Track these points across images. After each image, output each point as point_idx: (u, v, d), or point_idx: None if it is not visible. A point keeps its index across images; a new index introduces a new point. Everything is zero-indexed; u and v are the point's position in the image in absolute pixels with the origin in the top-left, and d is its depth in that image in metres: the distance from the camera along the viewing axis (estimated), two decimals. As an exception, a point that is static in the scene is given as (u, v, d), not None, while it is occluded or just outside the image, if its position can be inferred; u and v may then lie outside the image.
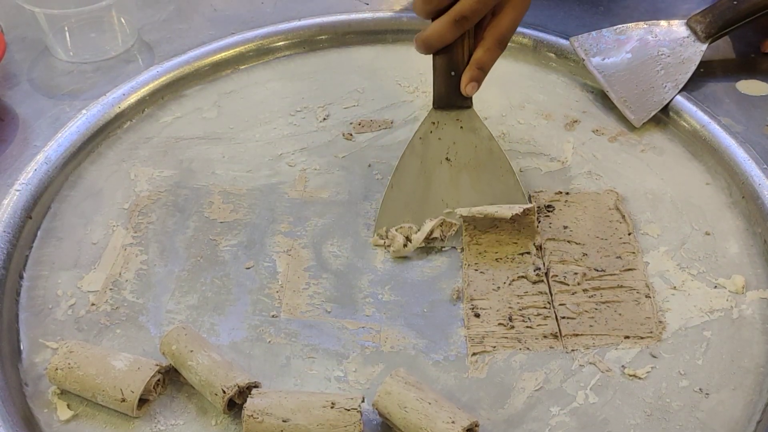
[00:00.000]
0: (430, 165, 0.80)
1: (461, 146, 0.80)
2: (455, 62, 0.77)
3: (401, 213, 0.79)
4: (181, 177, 0.86)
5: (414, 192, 0.79)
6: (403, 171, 0.80)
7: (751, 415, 0.65)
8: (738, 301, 0.74)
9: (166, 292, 0.75)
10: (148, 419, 0.65)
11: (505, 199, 0.79)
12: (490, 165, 0.79)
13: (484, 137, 0.80)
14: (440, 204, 0.79)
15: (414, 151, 0.80)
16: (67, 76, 0.98)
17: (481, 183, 0.79)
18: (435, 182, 0.79)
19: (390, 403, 0.62)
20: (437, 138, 0.79)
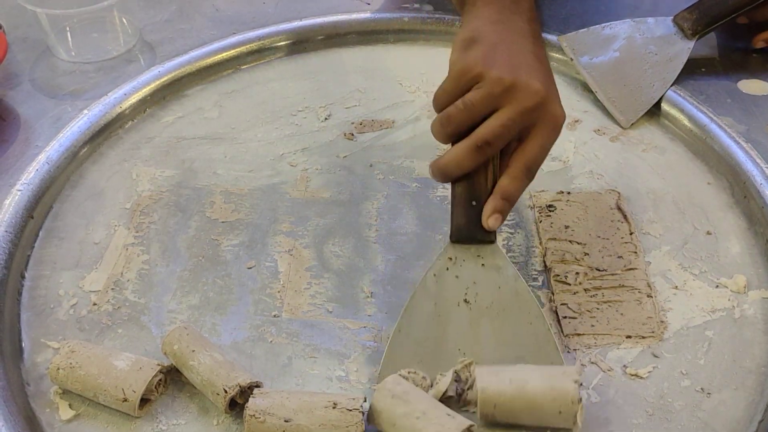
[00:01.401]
0: (446, 307, 0.68)
1: (482, 286, 0.68)
2: (477, 191, 0.68)
3: (409, 362, 0.67)
4: (183, 177, 0.86)
5: (426, 338, 0.67)
6: (413, 313, 0.68)
7: (752, 415, 0.65)
8: (740, 301, 0.74)
9: (167, 291, 0.75)
10: (150, 419, 0.65)
11: (533, 350, 0.66)
12: (515, 309, 0.68)
13: (510, 277, 0.68)
14: (456, 354, 0.66)
15: (427, 290, 0.69)
16: (68, 76, 0.98)
17: (505, 331, 0.67)
18: (451, 328, 0.67)
19: (381, 421, 0.62)
20: (454, 276, 0.69)
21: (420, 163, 0.88)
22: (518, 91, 0.65)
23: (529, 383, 0.62)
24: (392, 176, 0.86)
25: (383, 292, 0.75)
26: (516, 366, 0.64)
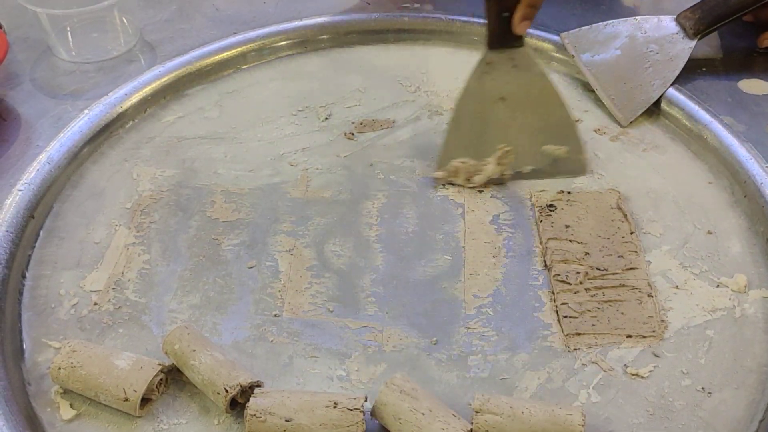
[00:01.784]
0: (487, 105, 0.82)
1: (516, 85, 0.82)
2: (507, 3, 0.78)
3: (460, 153, 0.83)
4: (184, 176, 0.86)
5: (471, 133, 0.82)
6: (460, 113, 0.82)
7: (753, 414, 0.65)
8: (740, 300, 0.74)
9: (168, 291, 0.75)
10: (151, 418, 0.65)
11: (558, 131, 0.83)
12: (543, 101, 0.82)
13: (537, 75, 0.82)
14: (497, 143, 0.82)
15: (470, 92, 0.82)
16: (69, 76, 0.98)
17: (535, 119, 0.82)
18: (492, 122, 0.82)
19: (386, 414, 0.62)
20: (492, 78, 0.81)
21: (420, 162, 0.88)
22: None
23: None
24: (393, 176, 0.87)
25: (384, 292, 0.75)
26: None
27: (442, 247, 0.79)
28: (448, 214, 0.82)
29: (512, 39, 0.80)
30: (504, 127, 0.82)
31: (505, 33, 0.80)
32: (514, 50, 0.81)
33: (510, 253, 0.78)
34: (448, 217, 0.82)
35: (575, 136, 0.84)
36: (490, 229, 0.81)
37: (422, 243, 0.79)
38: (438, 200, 0.84)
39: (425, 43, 1.05)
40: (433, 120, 0.93)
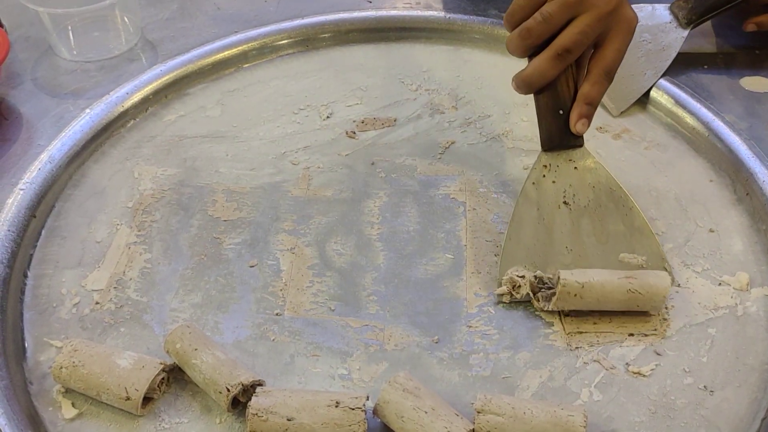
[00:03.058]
0: (548, 211, 0.75)
1: (578, 188, 0.75)
2: (561, 99, 0.73)
3: (524, 263, 0.74)
4: (185, 175, 0.86)
5: (535, 242, 0.74)
6: (520, 221, 0.75)
7: (755, 413, 0.65)
8: (742, 299, 0.73)
9: (170, 290, 0.75)
10: (153, 417, 0.65)
11: (632, 236, 0.74)
12: (612, 204, 0.75)
13: (602, 176, 0.75)
14: (565, 252, 0.74)
15: (528, 198, 0.75)
16: (70, 75, 0.98)
17: (605, 224, 0.74)
18: (555, 229, 0.74)
19: (388, 412, 0.62)
20: (551, 181, 0.75)
21: (421, 161, 0.88)
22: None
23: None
24: (394, 174, 0.86)
25: (385, 291, 0.75)
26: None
27: (444, 246, 0.79)
28: (450, 212, 0.82)
29: (570, 138, 0.75)
30: (570, 235, 0.74)
31: (562, 132, 0.74)
32: (573, 151, 0.75)
33: (512, 252, 0.78)
34: (450, 216, 0.82)
35: (653, 242, 0.74)
36: (492, 227, 0.80)
37: (424, 241, 0.79)
38: (439, 198, 0.84)
39: (426, 41, 1.04)
40: (434, 118, 0.93)
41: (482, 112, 0.93)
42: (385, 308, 0.74)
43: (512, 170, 0.86)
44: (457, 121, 0.93)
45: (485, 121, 0.92)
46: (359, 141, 0.91)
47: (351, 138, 0.91)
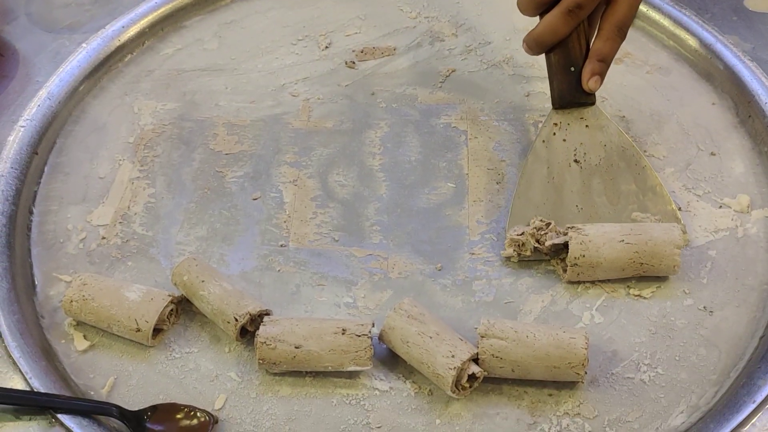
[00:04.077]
0: (558, 169, 0.73)
1: (589, 146, 0.74)
2: (573, 57, 0.71)
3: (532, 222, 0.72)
4: (185, 109, 0.86)
5: (544, 200, 0.73)
6: (530, 179, 0.73)
7: (754, 331, 0.67)
8: (743, 221, 0.74)
9: (175, 224, 0.76)
10: (163, 348, 0.67)
11: (645, 195, 0.72)
12: (624, 162, 0.73)
13: (613, 134, 0.74)
14: (575, 210, 0.72)
15: (538, 156, 0.74)
16: (65, 9, 0.96)
17: (616, 183, 0.73)
18: (566, 188, 0.73)
19: (393, 338, 0.63)
20: (562, 140, 0.74)
21: (422, 90, 0.87)
22: None
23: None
24: (395, 104, 0.86)
25: (388, 220, 0.76)
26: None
27: (446, 175, 0.79)
28: (451, 141, 0.82)
29: (582, 96, 0.73)
30: (580, 193, 0.73)
31: (573, 90, 0.72)
32: (585, 108, 0.74)
33: (514, 179, 0.78)
34: (451, 145, 0.82)
35: (666, 199, 0.73)
36: (494, 155, 0.80)
37: (426, 171, 0.80)
38: (441, 128, 0.83)
39: (425, -33, 1.02)
40: (434, 46, 0.92)
41: (483, 39, 0.92)
42: (388, 237, 0.74)
43: (514, 97, 0.86)
44: (458, 48, 0.91)
45: (486, 48, 0.91)
46: (359, 71, 0.90)
47: (350, 68, 0.90)
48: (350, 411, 0.63)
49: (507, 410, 0.62)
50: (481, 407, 0.62)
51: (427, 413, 0.62)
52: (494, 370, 0.62)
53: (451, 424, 0.62)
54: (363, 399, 0.63)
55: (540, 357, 0.61)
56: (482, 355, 0.62)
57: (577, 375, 0.61)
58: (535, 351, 0.61)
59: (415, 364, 0.63)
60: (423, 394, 0.63)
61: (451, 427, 0.61)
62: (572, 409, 0.62)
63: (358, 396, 0.63)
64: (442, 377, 0.61)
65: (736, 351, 0.66)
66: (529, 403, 0.63)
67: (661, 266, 0.68)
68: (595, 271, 0.68)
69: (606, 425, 0.61)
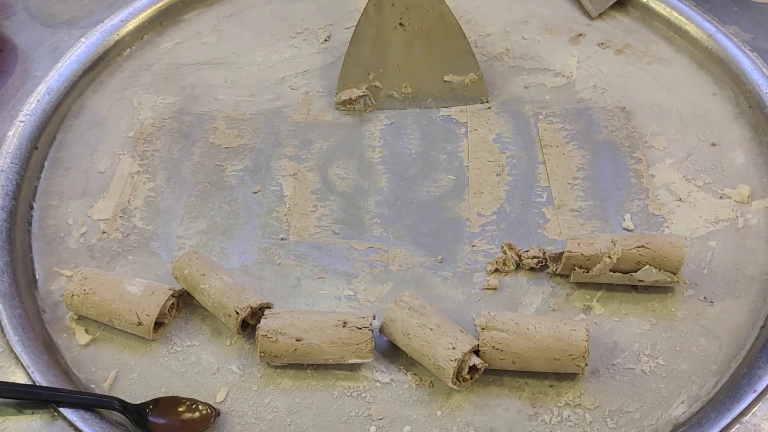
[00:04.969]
0: (385, 31, 0.82)
1: (414, 11, 0.81)
2: None
3: (361, 77, 0.83)
4: (184, 103, 0.86)
5: (371, 59, 0.82)
6: (359, 38, 0.82)
7: (754, 321, 0.67)
8: (743, 211, 0.74)
9: (175, 218, 0.76)
10: (165, 341, 0.67)
11: (456, 60, 0.82)
12: (441, 29, 0.81)
13: (436, 2, 0.81)
14: (396, 69, 0.82)
15: (369, 18, 0.81)
16: (63, 4, 0.96)
17: (433, 48, 0.82)
18: (391, 48, 0.82)
19: (395, 330, 0.63)
20: (390, 4, 0.81)
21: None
22: None
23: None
24: (394, 96, 0.86)
25: (389, 213, 0.76)
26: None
27: (446, 167, 0.79)
28: (451, 133, 0.82)
29: None
30: (402, 54, 0.82)
31: None
32: None
33: (514, 171, 0.78)
34: (451, 137, 0.82)
35: (474, 64, 0.83)
36: (494, 147, 0.80)
37: (426, 163, 0.80)
38: (441, 120, 0.83)
39: (424, -41, 1.02)
40: (433, 38, 0.92)
41: (482, 31, 0.92)
42: (388, 230, 0.74)
43: (513, 89, 0.86)
44: (457, 40, 0.91)
45: (485, 40, 0.91)
46: (358, 64, 0.90)
47: (350, 61, 0.90)
48: (351, 403, 0.63)
49: (508, 401, 0.62)
50: (482, 399, 0.62)
51: (428, 405, 0.62)
52: (495, 362, 0.62)
53: (452, 415, 0.62)
54: (364, 391, 0.63)
55: (541, 349, 0.61)
56: (483, 347, 0.62)
57: (577, 367, 0.61)
58: (536, 343, 0.61)
59: (416, 356, 0.63)
60: (424, 386, 0.63)
61: (452, 418, 0.62)
62: (573, 399, 0.62)
63: (360, 388, 0.63)
64: (443, 369, 0.61)
65: (736, 341, 0.66)
66: (530, 394, 0.63)
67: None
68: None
69: (607, 416, 0.61)
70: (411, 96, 0.83)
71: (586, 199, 0.75)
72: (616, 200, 0.75)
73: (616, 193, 0.76)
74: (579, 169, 0.78)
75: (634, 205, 0.75)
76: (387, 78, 0.82)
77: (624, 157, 0.79)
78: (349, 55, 0.82)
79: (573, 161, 0.79)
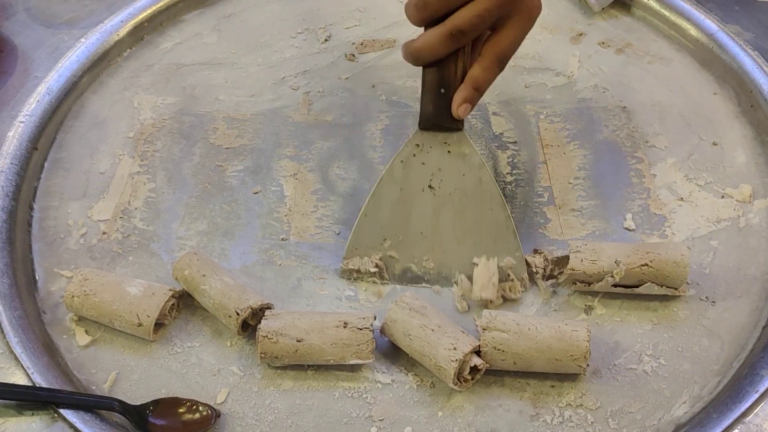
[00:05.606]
0: (411, 193, 0.70)
1: (447, 173, 0.69)
2: (447, 79, 0.66)
3: (375, 244, 0.70)
4: (185, 104, 0.86)
5: (391, 223, 0.70)
6: (379, 198, 0.70)
7: (756, 321, 0.66)
8: (745, 210, 0.74)
9: (175, 218, 0.76)
10: (165, 342, 0.67)
11: (492, 236, 0.69)
12: (478, 197, 0.69)
13: (475, 165, 0.69)
14: (419, 237, 0.70)
15: (393, 176, 0.70)
16: (63, 4, 0.96)
17: (466, 217, 0.69)
18: (414, 212, 0.70)
19: (395, 331, 0.63)
20: (421, 162, 0.69)
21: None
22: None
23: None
24: (395, 96, 0.86)
25: (389, 213, 0.75)
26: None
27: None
28: (452, 133, 0.82)
29: (449, 121, 0.67)
30: (428, 220, 0.70)
31: (442, 113, 0.67)
32: (450, 134, 0.69)
33: (515, 171, 0.78)
34: (452, 137, 0.81)
35: (514, 244, 0.69)
36: (494, 147, 0.80)
37: (426, 163, 0.79)
38: (441, 120, 0.83)
39: (424, -42, 1.02)
40: (434, 38, 0.91)
41: (483, 31, 0.92)
42: (389, 230, 0.74)
43: (514, 89, 0.86)
44: (458, 40, 0.91)
45: (486, 40, 0.91)
46: (359, 63, 0.90)
47: (350, 61, 0.90)
48: (352, 404, 0.63)
49: (509, 402, 0.62)
50: (484, 399, 0.62)
51: (430, 406, 0.62)
52: (496, 363, 0.62)
53: (454, 416, 0.62)
54: (365, 392, 0.63)
55: (542, 349, 0.61)
56: (484, 347, 0.62)
57: (579, 367, 0.61)
58: (537, 343, 0.61)
59: (417, 357, 0.63)
60: (425, 387, 0.63)
61: (454, 419, 0.61)
62: (575, 400, 0.62)
63: (360, 389, 0.63)
64: (444, 369, 0.60)
65: (738, 341, 0.65)
66: (532, 395, 0.62)
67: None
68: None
69: (608, 416, 0.61)
70: (433, 272, 0.70)
71: (587, 199, 0.75)
72: (617, 200, 0.75)
73: (618, 192, 0.76)
74: (580, 169, 0.78)
75: (635, 205, 0.75)
76: (406, 248, 0.70)
77: (625, 157, 0.79)
78: (365, 215, 0.70)
79: (574, 161, 0.79)
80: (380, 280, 0.70)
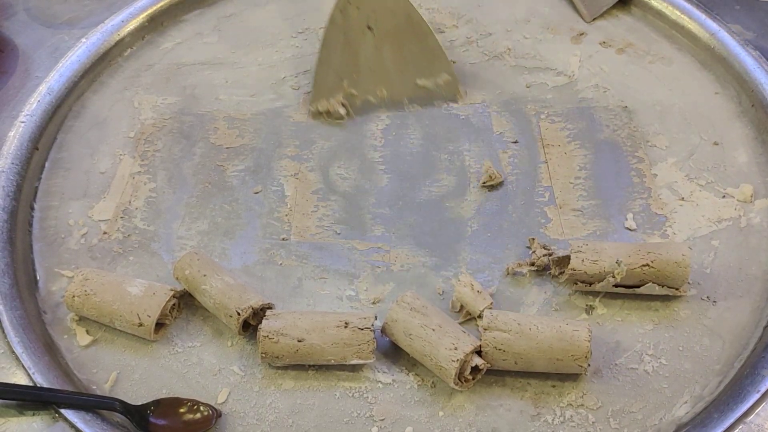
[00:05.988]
0: (354, 35, 0.81)
1: (381, 13, 0.80)
2: None
3: (335, 85, 0.81)
4: (185, 104, 0.86)
5: (343, 64, 0.81)
6: (328, 45, 0.81)
7: (758, 321, 0.66)
8: (746, 210, 0.74)
9: (176, 218, 0.76)
10: (166, 342, 0.67)
11: (428, 60, 0.81)
12: (410, 30, 0.81)
13: (401, 2, 0.80)
14: (369, 74, 0.81)
15: (336, 24, 0.80)
16: (64, 4, 0.96)
17: (403, 50, 0.81)
18: (362, 53, 0.81)
19: (396, 331, 0.63)
20: (356, 8, 0.80)
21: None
22: None
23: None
24: (396, 96, 0.86)
25: (390, 213, 0.75)
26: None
27: (447, 167, 0.79)
28: (453, 133, 0.82)
29: None
30: (374, 56, 0.81)
31: None
32: None
33: (516, 170, 0.78)
34: (453, 137, 0.81)
35: (446, 63, 0.82)
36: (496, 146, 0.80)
37: (427, 163, 0.79)
38: (442, 118, 0.83)
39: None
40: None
41: (483, 30, 0.92)
42: (390, 230, 0.74)
43: (515, 89, 0.86)
44: (459, 40, 0.91)
45: (487, 40, 0.91)
46: (359, 63, 0.89)
47: (351, 60, 0.90)
48: (353, 404, 0.63)
49: (510, 402, 0.62)
50: (484, 399, 0.62)
51: (430, 405, 0.62)
52: (497, 363, 0.62)
53: (455, 416, 0.62)
54: (366, 392, 0.63)
55: (543, 349, 0.61)
56: (485, 347, 0.62)
57: (580, 367, 0.61)
58: (539, 343, 0.61)
59: (418, 357, 0.63)
60: (426, 387, 0.63)
61: (454, 418, 0.61)
62: (576, 400, 0.62)
63: (361, 389, 0.63)
64: (445, 369, 0.60)
65: (739, 341, 0.65)
66: (533, 395, 0.62)
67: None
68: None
69: (609, 416, 0.61)
70: (387, 99, 0.82)
71: (588, 199, 0.75)
72: (618, 200, 0.75)
73: (619, 192, 0.76)
74: (581, 169, 0.78)
75: (636, 205, 0.75)
76: (361, 83, 0.82)
77: (626, 157, 0.79)
78: (320, 62, 0.81)
79: (575, 161, 0.79)
80: (347, 117, 0.80)
